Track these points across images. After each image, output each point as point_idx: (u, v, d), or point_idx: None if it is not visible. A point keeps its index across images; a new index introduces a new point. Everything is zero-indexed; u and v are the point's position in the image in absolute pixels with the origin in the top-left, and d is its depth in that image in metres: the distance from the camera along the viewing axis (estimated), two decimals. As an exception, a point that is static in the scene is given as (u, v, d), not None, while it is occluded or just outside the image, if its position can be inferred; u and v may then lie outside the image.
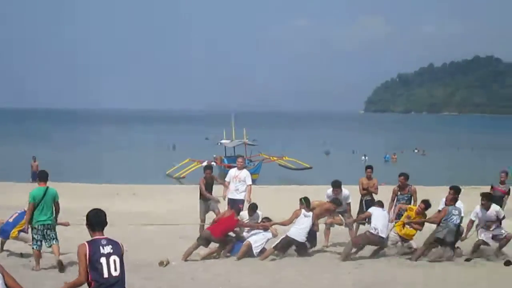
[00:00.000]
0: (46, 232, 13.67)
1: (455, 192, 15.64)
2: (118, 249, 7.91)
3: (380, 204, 16.15)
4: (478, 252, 15.46)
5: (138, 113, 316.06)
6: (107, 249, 7.82)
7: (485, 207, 15.37)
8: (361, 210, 17.39)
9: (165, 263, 14.25)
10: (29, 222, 13.73)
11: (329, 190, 16.94)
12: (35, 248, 13.69)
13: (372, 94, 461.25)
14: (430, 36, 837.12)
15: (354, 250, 15.43)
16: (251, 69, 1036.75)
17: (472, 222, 15.60)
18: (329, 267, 14.36)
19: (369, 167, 18.41)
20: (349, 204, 16.96)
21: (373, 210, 15.84)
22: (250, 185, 18.65)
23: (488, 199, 15.49)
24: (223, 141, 53.72)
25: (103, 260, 7.74)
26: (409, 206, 16.79)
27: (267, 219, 16.18)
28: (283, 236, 15.34)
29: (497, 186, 18.75)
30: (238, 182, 18.43)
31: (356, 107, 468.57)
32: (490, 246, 15.49)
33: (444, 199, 16.02)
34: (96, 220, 8.01)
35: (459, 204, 15.68)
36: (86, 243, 7.84)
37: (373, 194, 17.87)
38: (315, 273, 13.77)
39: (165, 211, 23.89)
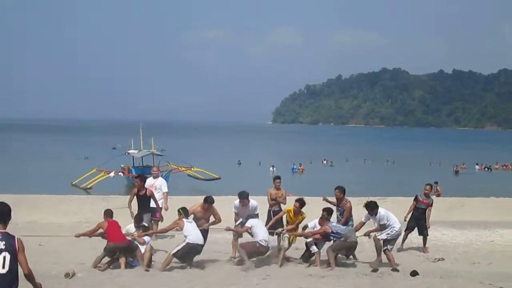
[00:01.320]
0: None
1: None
2: (11, 245, 7.63)
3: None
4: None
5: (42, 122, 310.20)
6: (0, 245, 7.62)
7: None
8: (268, 220, 17.46)
9: (70, 274, 13.97)
10: None
11: (237, 201, 16.97)
12: None
13: (280, 105, 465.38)
14: (339, 48, 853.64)
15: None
16: (161, 78, 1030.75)
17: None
18: (237, 278, 14.33)
19: (277, 177, 18.42)
20: (257, 215, 17.01)
21: (252, 221, 16.15)
22: (167, 192, 19.31)
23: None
24: (131, 151, 53.20)
25: None
26: (287, 208, 17.13)
27: (144, 227, 16.28)
28: (183, 244, 15.17)
29: (421, 199, 19.08)
30: (154, 190, 18.68)
31: (264, 119, 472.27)
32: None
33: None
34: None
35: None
36: None
37: (281, 205, 17.97)
38: (223, 285, 13.73)
39: (70, 221, 23.39)
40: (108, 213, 15.67)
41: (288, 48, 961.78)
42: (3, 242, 7.62)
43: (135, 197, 18.28)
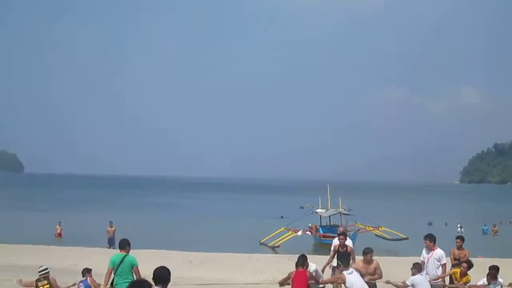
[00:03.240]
0: None
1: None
2: None
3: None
4: None
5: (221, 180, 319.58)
6: None
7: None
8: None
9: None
10: (106, 284, 14.60)
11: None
12: None
13: (468, 164, 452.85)
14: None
15: None
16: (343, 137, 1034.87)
17: None
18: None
19: (459, 237, 18.76)
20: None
21: (416, 278, 16.09)
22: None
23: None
24: (318, 210, 53.85)
25: None
26: (454, 270, 17.18)
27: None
28: None
29: None
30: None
31: (450, 178, 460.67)
32: None
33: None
34: (158, 275, 8.82)
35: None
36: None
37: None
38: None
39: (256, 280, 24.03)
40: (299, 264, 16.45)
41: (473, 106, 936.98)
42: None
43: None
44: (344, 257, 18.34)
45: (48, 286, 16.46)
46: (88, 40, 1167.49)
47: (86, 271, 16.33)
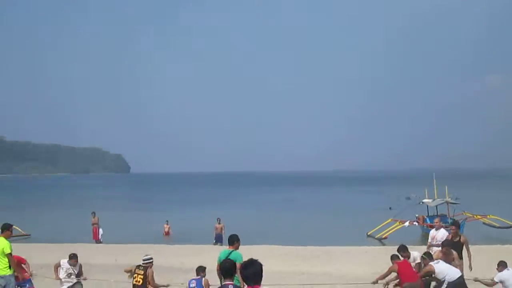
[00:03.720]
0: None
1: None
2: None
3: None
4: None
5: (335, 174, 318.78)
6: None
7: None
8: None
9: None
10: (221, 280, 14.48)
11: None
12: None
13: None
14: None
15: None
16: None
17: None
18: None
19: None
20: None
21: (504, 274, 15.91)
22: None
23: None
24: (425, 200, 53.08)
25: None
26: None
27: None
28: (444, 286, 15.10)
29: None
30: (434, 242, 18.98)
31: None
32: None
33: None
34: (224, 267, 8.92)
35: None
36: None
37: None
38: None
39: (365, 272, 23.89)
40: (394, 257, 16.20)
41: None
42: None
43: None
44: (457, 248, 17.97)
45: (142, 277, 16.21)
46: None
47: (201, 270, 16.44)
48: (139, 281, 16.14)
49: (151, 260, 16.39)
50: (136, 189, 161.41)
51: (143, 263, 16.34)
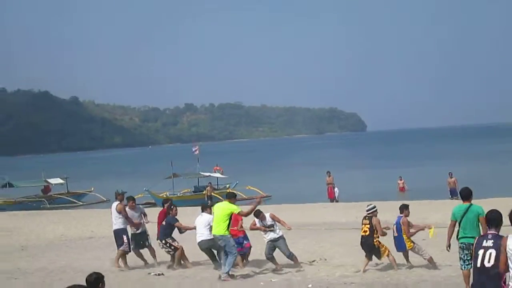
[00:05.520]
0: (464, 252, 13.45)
1: None
2: (497, 244, 9.02)
3: None
4: None
5: None
6: (489, 243, 9.18)
7: None
8: None
9: None
10: (449, 239, 13.91)
11: None
12: (463, 268, 13.39)
13: None
14: None
15: None
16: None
17: None
18: None
19: None
20: None
21: None
22: None
23: None
24: None
25: (480, 251, 9.19)
26: None
27: None
28: None
29: None
30: None
31: None
32: None
33: None
34: (490, 217, 9.52)
35: None
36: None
37: None
38: None
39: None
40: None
41: None
42: (492, 241, 9.18)
43: None
44: None
45: (368, 226, 16.49)
46: None
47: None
48: (366, 231, 16.60)
49: (375, 209, 16.70)
50: (370, 147, 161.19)
51: (367, 214, 16.70)
